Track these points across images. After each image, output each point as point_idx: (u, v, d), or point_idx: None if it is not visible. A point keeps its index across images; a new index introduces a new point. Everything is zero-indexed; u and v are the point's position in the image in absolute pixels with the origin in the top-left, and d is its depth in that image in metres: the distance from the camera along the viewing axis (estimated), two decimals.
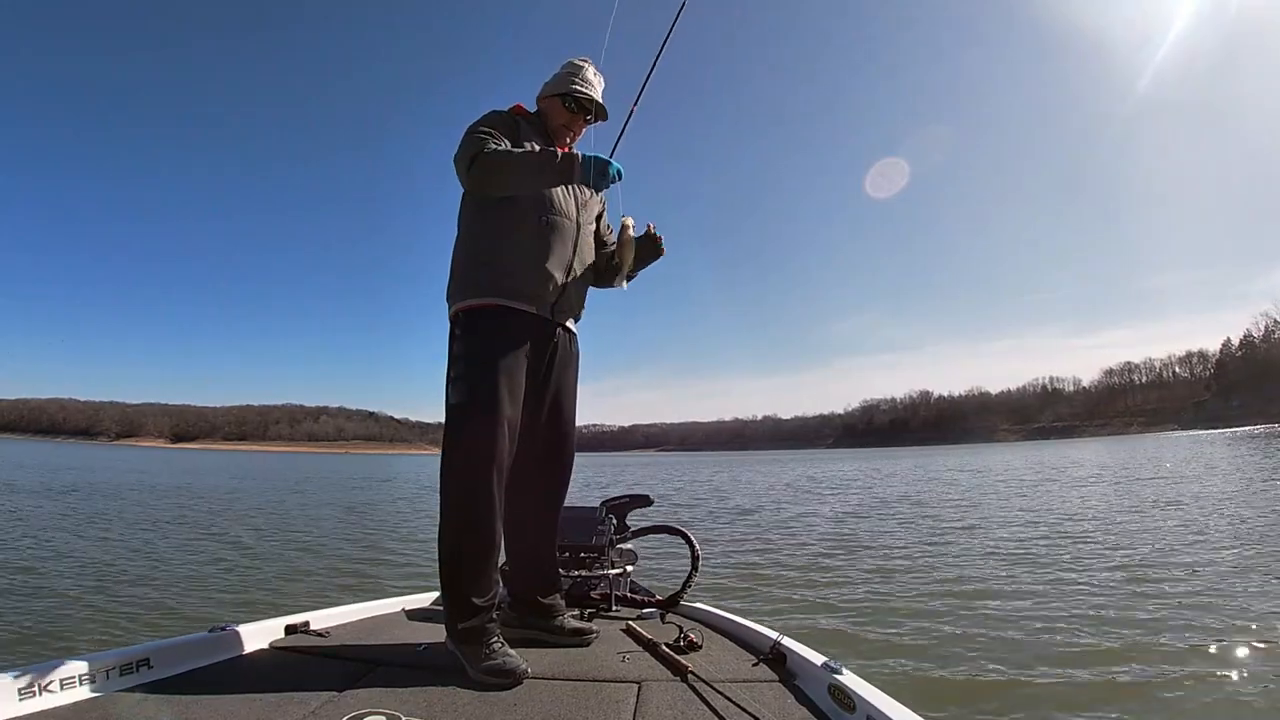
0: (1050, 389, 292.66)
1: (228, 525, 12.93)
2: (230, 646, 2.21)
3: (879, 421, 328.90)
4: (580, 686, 1.97)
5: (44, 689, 1.71)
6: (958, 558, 8.50)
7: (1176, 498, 14.40)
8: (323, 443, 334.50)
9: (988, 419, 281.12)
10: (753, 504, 17.78)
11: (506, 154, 2.19)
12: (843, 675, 1.77)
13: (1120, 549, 8.47)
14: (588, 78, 2.48)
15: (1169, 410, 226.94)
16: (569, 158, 2.14)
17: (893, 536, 10.79)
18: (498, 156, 2.19)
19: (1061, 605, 5.89)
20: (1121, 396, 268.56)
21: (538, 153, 2.18)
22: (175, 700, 1.79)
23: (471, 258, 2.32)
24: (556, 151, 2.17)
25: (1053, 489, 18.18)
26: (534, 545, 2.48)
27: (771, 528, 12.49)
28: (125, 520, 13.07)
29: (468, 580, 2.15)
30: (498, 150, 2.20)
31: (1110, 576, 6.96)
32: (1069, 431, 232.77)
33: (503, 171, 2.21)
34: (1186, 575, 6.80)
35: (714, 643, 2.36)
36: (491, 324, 2.24)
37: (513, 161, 2.19)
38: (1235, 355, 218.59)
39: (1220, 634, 4.91)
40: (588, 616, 2.68)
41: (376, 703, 1.78)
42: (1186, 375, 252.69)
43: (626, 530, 3.12)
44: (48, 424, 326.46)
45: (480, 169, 2.21)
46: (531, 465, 2.37)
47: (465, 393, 2.20)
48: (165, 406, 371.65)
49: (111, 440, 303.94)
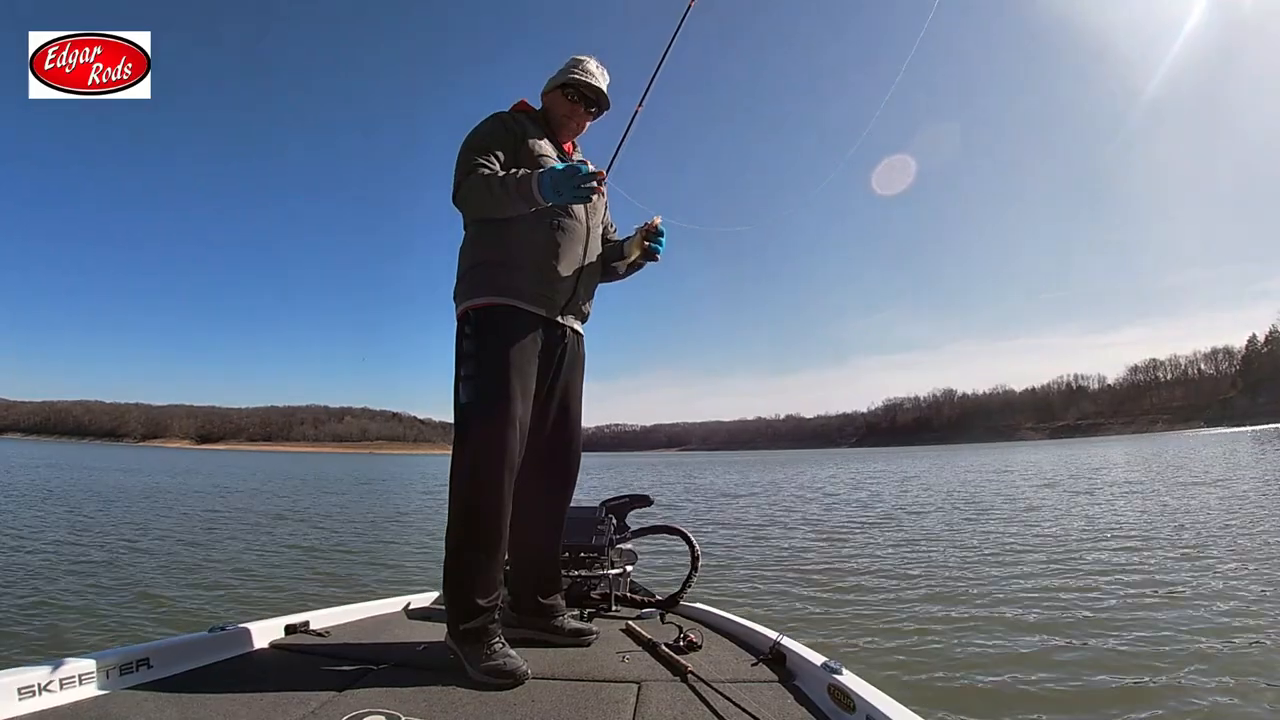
0: (1074, 387, 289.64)
1: (229, 525, 13.05)
2: (230, 646, 2.21)
3: (902, 420, 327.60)
4: (580, 687, 1.96)
5: (44, 689, 1.72)
6: (958, 558, 8.43)
7: (1201, 502, 14.09)
8: (347, 443, 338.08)
9: (1011, 417, 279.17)
10: (753, 504, 17.74)
11: (484, 187, 2.18)
12: (842, 675, 1.75)
13: (1127, 552, 8.33)
14: (589, 69, 2.46)
15: (1195, 407, 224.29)
16: (525, 179, 2.11)
17: (893, 537, 10.72)
18: (475, 190, 2.19)
19: (1062, 606, 5.84)
20: (1146, 394, 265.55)
21: (504, 181, 2.15)
22: (175, 700, 1.80)
23: (481, 258, 2.31)
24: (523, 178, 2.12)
25: (1070, 492, 17.82)
26: (537, 546, 2.47)
27: (772, 528, 12.44)
28: (126, 521, 13.15)
29: (472, 580, 2.14)
30: (474, 183, 2.19)
31: (1113, 578, 6.87)
32: (1093, 429, 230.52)
33: (481, 206, 2.24)
34: (1196, 581, 6.67)
35: (714, 643, 2.35)
36: (501, 324, 2.23)
37: (488, 197, 2.18)
38: (1261, 351, 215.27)
39: (1222, 636, 4.85)
40: (588, 616, 2.67)
41: (376, 703, 1.77)
42: (1212, 372, 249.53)
43: (626, 530, 3.10)
44: (73, 426, 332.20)
45: (461, 201, 2.26)
46: (537, 466, 2.35)
47: (475, 392, 2.19)
48: (190, 408, 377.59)
49: (137, 442, 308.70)
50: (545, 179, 2.07)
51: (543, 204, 2.12)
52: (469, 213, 2.31)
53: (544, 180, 2.07)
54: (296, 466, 58.45)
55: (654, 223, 2.47)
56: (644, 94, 2.60)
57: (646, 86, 2.60)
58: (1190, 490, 16.31)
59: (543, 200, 2.09)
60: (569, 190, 2.06)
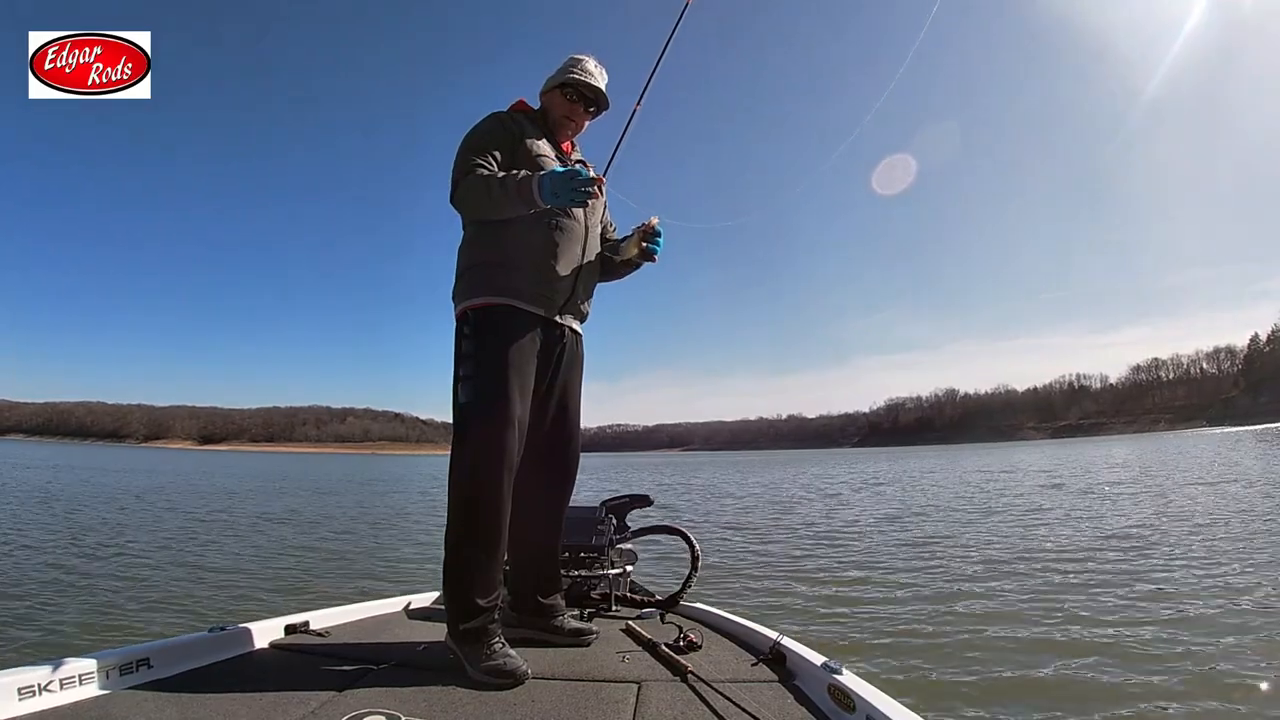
0: (1076, 386, 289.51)
1: (230, 526, 13.07)
2: (230, 646, 2.21)
3: (904, 420, 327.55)
4: (580, 687, 1.96)
5: (44, 689, 1.71)
6: (959, 559, 8.43)
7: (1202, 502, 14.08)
8: (349, 444, 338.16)
9: (1013, 417, 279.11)
10: (754, 504, 17.75)
11: (483, 188, 2.18)
12: (842, 675, 1.75)
13: (1128, 552, 8.32)
14: (588, 69, 2.46)
15: (1197, 407, 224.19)
16: (525, 181, 2.11)
17: (893, 537, 10.71)
18: (473, 190, 2.19)
19: (1063, 606, 5.83)
20: (1149, 393, 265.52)
21: (503, 182, 2.15)
22: (175, 700, 1.79)
23: (479, 258, 2.30)
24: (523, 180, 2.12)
25: (1072, 492, 17.77)
26: (537, 545, 2.46)
27: (772, 528, 12.44)
28: (127, 521, 13.20)
29: (472, 580, 2.14)
30: (472, 184, 2.19)
31: (1114, 579, 6.86)
32: (1095, 429, 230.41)
33: (478, 207, 2.24)
34: (1198, 582, 6.65)
35: (714, 643, 2.34)
36: (500, 324, 2.22)
37: (486, 198, 2.18)
38: (1263, 351, 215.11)
39: (1224, 637, 4.84)
40: (588, 616, 2.66)
41: (376, 702, 1.77)
42: (1214, 371, 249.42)
43: (626, 530, 3.10)
44: (76, 426, 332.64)
45: (459, 201, 2.26)
46: (536, 465, 2.35)
47: (474, 392, 2.18)
48: (193, 409, 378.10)
49: (139, 442, 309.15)
50: (545, 182, 2.07)
51: (541, 206, 2.12)
52: (466, 213, 2.31)
53: (544, 183, 2.07)
54: (298, 467, 58.48)
55: (651, 223, 2.45)
56: (642, 93, 2.59)
57: (645, 85, 2.58)
58: (1193, 490, 16.30)
59: (541, 203, 2.09)
60: (567, 193, 2.06)
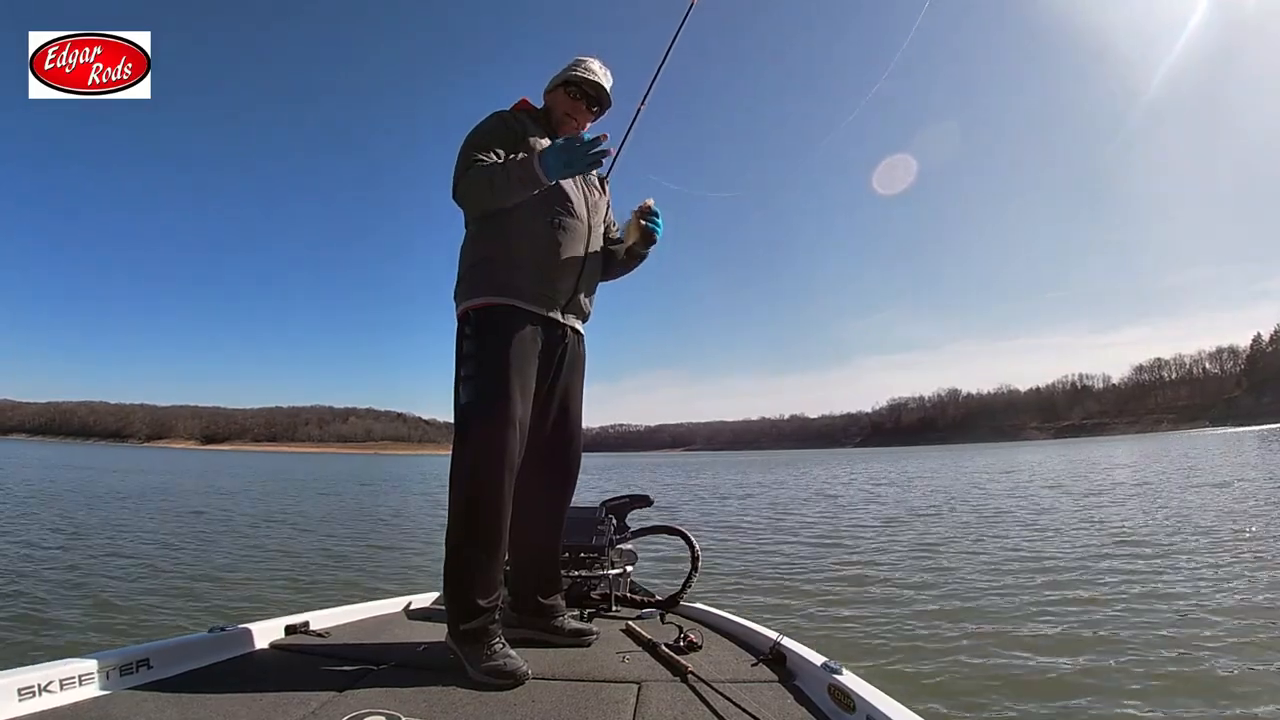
0: (1079, 386, 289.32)
1: (231, 526, 13.06)
2: (230, 646, 2.21)
3: (907, 420, 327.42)
4: (580, 687, 1.95)
5: (44, 689, 1.71)
6: (960, 559, 8.42)
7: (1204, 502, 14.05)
8: (351, 444, 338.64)
9: (1016, 417, 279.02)
10: (755, 505, 17.73)
11: (484, 178, 2.18)
12: (842, 675, 1.75)
13: (1129, 552, 8.32)
14: (592, 68, 2.46)
15: (1200, 407, 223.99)
16: (525, 160, 2.12)
17: (893, 538, 10.70)
18: (475, 182, 2.19)
19: (1062, 607, 5.83)
20: (1151, 393, 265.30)
21: (505, 166, 2.16)
22: (175, 700, 1.79)
23: (481, 257, 2.29)
24: (524, 161, 2.13)
25: (1075, 493, 17.70)
26: (537, 545, 2.46)
27: (771, 529, 12.43)
28: (128, 522, 13.16)
29: (473, 580, 2.13)
30: (474, 175, 2.19)
31: (1115, 579, 6.85)
32: (1098, 429, 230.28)
33: (482, 197, 2.22)
34: (1200, 583, 6.64)
35: (714, 643, 2.34)
36: (501, 323, 2.21)
37: (488, 187, 2.17)
38: (1266, 351, 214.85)
39: (1225, 637, 4.83)
40: (588, 617, 2.66)
41: (376, 703, 1.77)
42: (1216, 371, 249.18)
43: (626, 530, 3.09)
44: (78, 426, 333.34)
45: (461, 196, 2.25)
46: (537, 465, 2.34)
47: (475, 392, 2.18)
48: (195, 408, 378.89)
49: (142, 442, 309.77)
50: (548, 157, 2.07)
51: (546, 183, 2.12)
52: (469, 207, 2.29)
53: (547, 159, 2.07)
54: (300, 467, 58.54)
55: (647, 204, 2.46)
56: (645, 93, 2.59)
57: (648, 86, 2.58)
58: (1196, 491, 16.28)
59: (547, 179, 2.10)
60: (579, 160, 2.07)
